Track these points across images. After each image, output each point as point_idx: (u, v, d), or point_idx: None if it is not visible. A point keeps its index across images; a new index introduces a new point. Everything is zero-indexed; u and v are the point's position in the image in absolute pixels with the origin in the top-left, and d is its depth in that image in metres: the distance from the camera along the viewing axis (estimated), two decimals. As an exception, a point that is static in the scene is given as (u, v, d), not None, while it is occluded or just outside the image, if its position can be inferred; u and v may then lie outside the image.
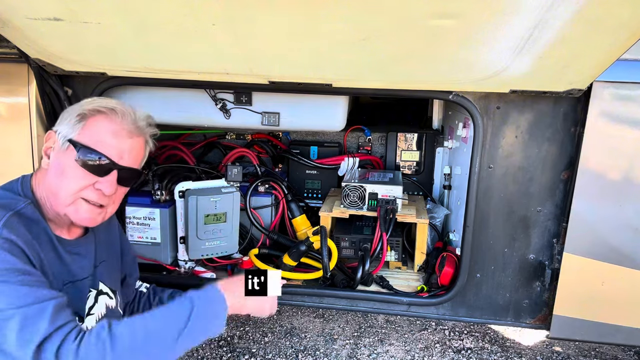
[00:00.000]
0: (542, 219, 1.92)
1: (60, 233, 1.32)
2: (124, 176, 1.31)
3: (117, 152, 1.27)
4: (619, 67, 1.55)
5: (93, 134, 1.26)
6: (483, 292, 2.03)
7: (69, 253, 1.32)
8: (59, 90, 1.94)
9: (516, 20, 1.24)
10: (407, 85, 1.81)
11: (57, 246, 1.29)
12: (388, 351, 2.76)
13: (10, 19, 1.48)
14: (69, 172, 1.25)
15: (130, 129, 1.30)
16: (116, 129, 1.28)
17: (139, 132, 1.32)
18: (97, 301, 1.42)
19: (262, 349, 2.75)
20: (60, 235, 1.32)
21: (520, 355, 2.74)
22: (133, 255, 1.76)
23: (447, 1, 1.18)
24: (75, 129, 1.26)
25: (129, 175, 1.32)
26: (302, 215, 2.35)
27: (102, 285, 1.44)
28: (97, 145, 1.25)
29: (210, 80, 1.86)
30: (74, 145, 1.25)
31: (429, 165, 2.55)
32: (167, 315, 1.23)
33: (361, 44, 1.42)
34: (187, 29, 1.41)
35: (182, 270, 2.21)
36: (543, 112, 1.82)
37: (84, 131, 1.26)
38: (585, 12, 1.18)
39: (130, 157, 1.31)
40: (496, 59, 1.47)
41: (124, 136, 1.29)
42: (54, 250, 1.28)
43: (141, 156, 1.38)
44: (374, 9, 1.23)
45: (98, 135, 1.26)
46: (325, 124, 2.15)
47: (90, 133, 1.26)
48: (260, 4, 1.24)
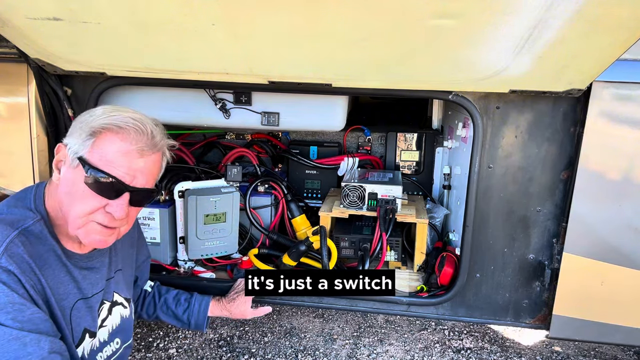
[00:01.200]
0: (542, 219, 1.92)
1: (72, 247, 1.27)
2: (136, 198, 1.23)
3: (128, 173, 1.19)
4: (619, 67, 1.56)
5: (103, 154, 1.17)
6: (483, 292, 2.03)
7: (80, 269, 1.28)
8: (58, 89, 1.94)
9: (516, 20, 1.24)
10: (407, 85, 1.81)
11: (67, 263, 1.24)
12: (388, 351, 2.76)
13: (9, 18, 1.47)
14: (77, 192, 1.18)
15: (144, 147, 1.20)
16: (128, 148, 1.19)
17: (153, 149, 1.23)
18: (110, 313, 1.39)
19: (262, 348, 2.75)
20: (72, 250, 1.27)
21: (519, 355, 2.74)
22: (147, 256, 1.72)
23: (447, 1, 1.18)
24: (85, 145, 1.18)
25: (141, 196, 1.24)
26: (302, 215, 2.35)
27: (116, 296, 1.41)
28: (107, 167, 1.17)
29: (210, 80, 1.86)
30: (83, 164, 1.17)
31: (429, 165, 2.55)
32: None
33: (361, 44, 1.42)
34: (187, 29, 1.40)
35: (182, 270, 2.21)
36: (543, 112, 1.82)
37: (94, 150, 1.18)
38: (584, 12, 1.18)
39: (143, 177, 1.22)
40: (496, 59, 1.47)
41: (136, 156, 1.20)
42: (64, 268, 1.23)
43: (156, 173, 1.29)
44: (374, 10, 1.23)
45: (108, 155, 1.17)
46: (325, 124, 2.15)
47: (100, 152, 1.17)
48: (259, 5, 1.23)
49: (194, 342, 2.81)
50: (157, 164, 1.28)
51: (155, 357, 2.67)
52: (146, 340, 2.80)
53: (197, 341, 2.81)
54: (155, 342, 2.79)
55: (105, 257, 1.37)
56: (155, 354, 2.69)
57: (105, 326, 1.37)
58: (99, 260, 1.34)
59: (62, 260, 1.23)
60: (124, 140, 1.19)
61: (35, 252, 1.16)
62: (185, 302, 1.83)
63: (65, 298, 1.23)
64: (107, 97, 2.05)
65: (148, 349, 2.73)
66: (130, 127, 1.19)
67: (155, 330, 2.90)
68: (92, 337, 1.32)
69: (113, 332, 1.40)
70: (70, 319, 1.24)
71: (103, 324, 1.36)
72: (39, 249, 1.17)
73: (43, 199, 1.25)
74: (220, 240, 2.17)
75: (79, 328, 1.27)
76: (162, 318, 1.81)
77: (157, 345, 2.76)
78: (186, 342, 2.80)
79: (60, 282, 1.22)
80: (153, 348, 2.74)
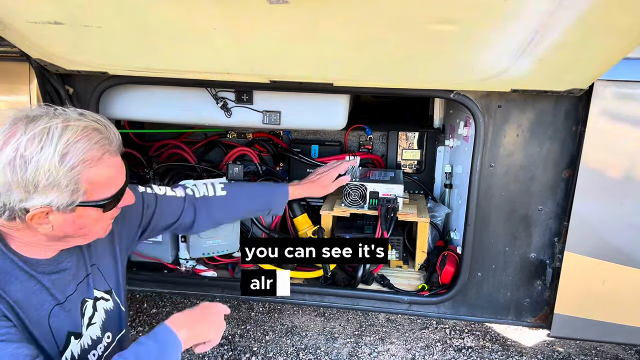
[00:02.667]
0: (543, 218, 1.91)
1: (36, 254, 1.20)
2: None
3: (121, 178, 1.20)
4: (621, 65, 1.54)
5: (98, 187, 1.13)
6: (484, 290, 2.03)
7: (49, 274, 1.22)
8: (60, 89, 1.94)
9: (517, 25, 1.24)
10: (408, 85, 1.81)
11: (31, 272, 1.18)
12: (389, 350, 2.76)
13: (11, 22, 1.48)
14: (90, 220, 1.17)
15: (111, 148, 1.15)
16: (113, 161, 1.16)
17: (112, 142, 1.17)
18: (96, 309, 1.36)
19: (263, 347, 2.75)
20: (36, 257, 1.20)
21: (521, 354, 2.74)
22: (149, 203, 1.56)
23: (448, 7, 1.18)
24: (78, 194, 1.09)
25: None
26: (304, 214, 2.35)
27: (96, 292, 1.37)
28: (107, 191, 1.16)
29: (211, 79, 1.86)
30: (91, 206, 1.13)
31: (430, 164, 2.54)
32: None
33: (362, 47, 1.42)
34: (188, 33, 1.41)
35: (183, 269, 2.22)
36: (544, 111, 1.82)
37: (92, 188, 1.12)
38: (586, 18, 1.18)
39: (121, 162, 1.21)
40: (497, 62, 1.46)
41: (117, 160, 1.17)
42: (32, 278, 1.18)
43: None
44: (375, 15, 1.22)
45: (102, 183, 1.14)
46: (326, 123, 2.15)
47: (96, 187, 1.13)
48: (260, 9, 1.23)
49: (196, 340, 2.81)
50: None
51: (157, 355, 2.68)
52: (148, 339, 2.81)
53: (198, 340, 2.82)
54: (157, 340, 2.80)
55: (73, 255, 1.30)
56: (157, 352, 2.70)
57: (94, 323, 1.34)
58: (68, 260, 1.28)
59: (27, 272, 1.17)
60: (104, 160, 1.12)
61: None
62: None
63: (40, 307, 1.19)
64: (109, 96, 2.06)
65: (150, 348, 2.73)
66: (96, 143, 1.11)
67: (157, 328, 2.91)
68: (79, 338, 1.29)
69: (103, 327, 1.39)
70: (50, 327, 1.21)
71: (91, 321, 1.33)
72: (1, 265, 1.13)
73: None
74: (221, 239, 2.17)
75: (62, 334, 1.24)
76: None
77: (159, 344, 2.77)
78: (188, 340, 2.81)
79: (32, 292, 1.17)
80: (155, 346, 2.75)
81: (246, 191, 1.84)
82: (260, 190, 1.89)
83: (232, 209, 1.78)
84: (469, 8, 1.18)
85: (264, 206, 1.85)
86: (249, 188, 1.89)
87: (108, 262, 1.44)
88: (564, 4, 1.13)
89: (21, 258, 1.17)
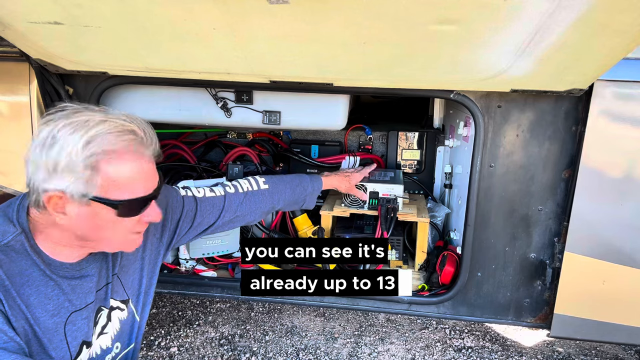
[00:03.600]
0: (543, 218, 1.91)
1: (61, 256, 1.18)
2: (159, 194, 1.21)
3: (148, 185, 1.15)
4: (621, 65, 1.55)
5: (117, 185, 1.09)
6: (484, 291, 2.03)
7: (70, 279, 1.20)
8: (60, 89, 1.94)
9: (517, 26, 1.24)
10: (408, 85, 1.81)
11: (51, 275, 1.16)
12: (389, 350, 2.76)
13: (11, 22, 1.48)
14: (107, 224, 1.13)
15: (144, 151, 1.13)
16: (139, 165, 1.11)
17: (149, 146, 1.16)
18: (110, 319, 1.34)
19: (263, 347, 2.75)
20: (61, 260, 1.18)
21: (521, 354, 2.74)
22: (190, 205, 1.54)
23: (448, 7, 1.18)
24: (91, 185, 1.07)
25: (161, 190, 1.22)
26: (304, 214, 2.35)
27: (112, 302, 1.34)
28: (128, 193, 1.11)
29: (211, 79, 1.86)
30: (102, 202, 1.09)
31: (430, 164, 2.54)
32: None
33: (362, 48, 1.42)
34: (188, 34, 1.40)
35: (183, 269, 2.22)
36: (544, 111, 1.82)
37: (104, 184, 1.08)
38: (586, 18, 1.18)
39: (155, 174, 1.17)
40: (497, 62, 1.47)
41: (145, 164, 1.13)
42: (50, 282, 1.16)
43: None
44: (375, 15, 1.22)
45: (122, 181, 1.10)
46: (326, 123, 2.15)
47: (114, 184, 1.09)
48: (260, 10, 1.23)
49: (196, 340, 2.81)
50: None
51: (156, 355, 2.68)
52: (147, 339, 2.81)
53: (198, 340, 2.82)
54: (156, 340, 2.80)
55: (97, 263, 1.28)
56: (156, 352, 2.70)
57: (106, 333, 1.32)
58: (92, 267, 1.26)
59: (47, 274, 1.15)
60: (128, 159, 1.10)
61: (14, 270, 1.10)
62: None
63: (56, 314, 1.16)
64: (109, 96, 2.06)
65: (149, 348, 2.73)
66: (125, 141, 1.09)
67: (156, 328, 2.91)
68: (89, 347, 1.27)
69: (114, 338, 1.38)
70: (65, 334, 1.18)
71: (104, 331, 1.31)
72: (21, 265, 1.12)
73: (27, 209, 1.16)
74: (221, 239, 2.17)
75: (76, 342, 1.22)
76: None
77: (159, 344, 2.77)
78: (187, 340, 2.81)
79: (48, 297, 1.15)
80: (154, 346, 2.75)
81: (287, 182, 1.87)
82: (298, 181, 1.91)
83: (275, 201, 1.81)
84: (469, 8, 1.18)
85: (302, 196, 1.90)
86: (289, 179, 1.90)
87: (132, 272, 1.41)
88: (563, 4, 1.13)
89: (44, 259, 1.15)
